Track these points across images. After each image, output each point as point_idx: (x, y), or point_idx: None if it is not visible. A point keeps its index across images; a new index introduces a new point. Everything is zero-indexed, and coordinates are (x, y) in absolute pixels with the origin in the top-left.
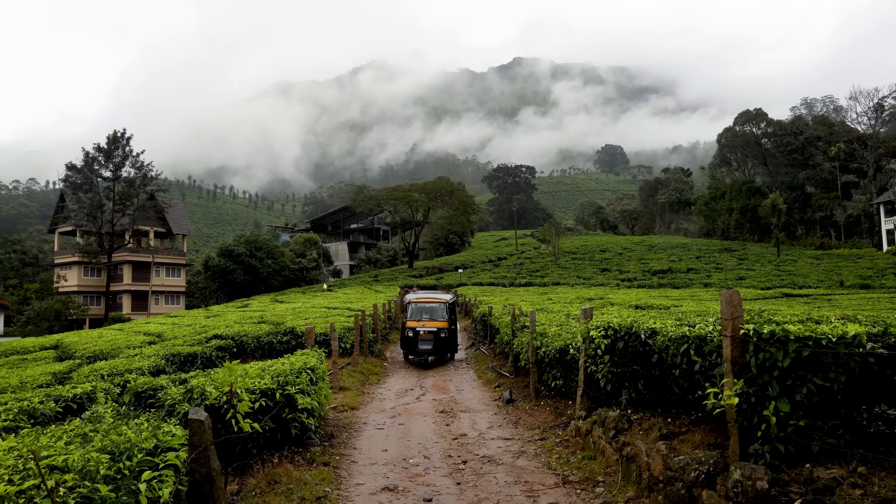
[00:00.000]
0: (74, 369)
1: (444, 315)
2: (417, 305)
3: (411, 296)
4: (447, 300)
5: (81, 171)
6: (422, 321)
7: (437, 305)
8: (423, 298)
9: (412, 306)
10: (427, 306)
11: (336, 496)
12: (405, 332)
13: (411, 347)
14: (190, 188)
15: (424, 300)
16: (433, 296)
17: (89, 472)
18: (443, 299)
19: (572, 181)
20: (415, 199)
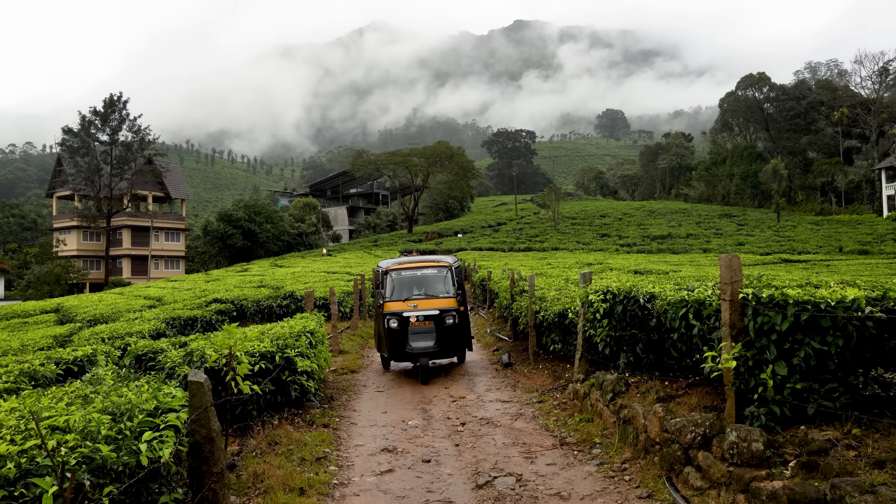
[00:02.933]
0: (75, 332)
1: (447, 287)
2: (403, 275)
3: (389, 261)
4: (449, 263)
5: (78, 134)
6: (412, 300)
7: (435, 272)
8: (412, 263)
9: (394, 278)
10: (419, 275)
11: (336, 457)
12: (384, 321)
13: (396, 347)
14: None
15: (414, 265)
16: (428, 259)
17: (90, 432)
18: (443, 262)
19: (573, 146)
20: (414, 164)
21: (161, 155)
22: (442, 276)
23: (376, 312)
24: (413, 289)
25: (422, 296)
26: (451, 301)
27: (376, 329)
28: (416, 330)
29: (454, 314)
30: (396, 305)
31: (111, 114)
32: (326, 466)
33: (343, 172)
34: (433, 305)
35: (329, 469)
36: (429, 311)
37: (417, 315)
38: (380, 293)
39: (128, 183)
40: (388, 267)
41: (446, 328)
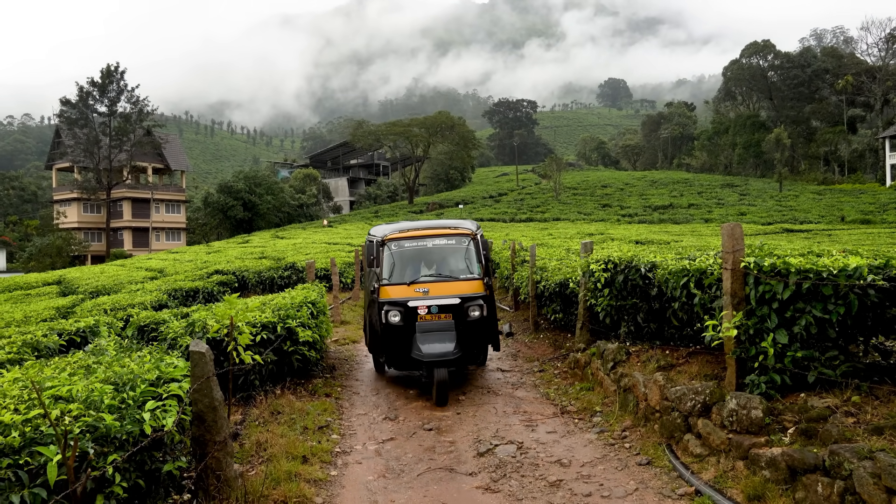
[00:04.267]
0: (77, 304)
1: (470, 265)
2: (407, 247)
3: (387, 227)
4: (471, 230)
5: (76, 106)
6: (421, 283)
7: (453, 244)
8: (420, 230)
9: (393, 251)
10: (430, 247)
11: (338, 426)
12: (379, 313)
13: (397, 350)
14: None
15: (422, 232)
16: (442, 225)
17: (93, 401)
18: (463, 229)
19: (574, 116)
20: (415, 134)
21: (160, 126)
22: (462, 248)
23: (368, 299)
24: (422, 267)
25: (435, 277)
26: (476, 284)
27: (367, 321)
28: (429, 327)
29: (481, 303)
30: (398, 291)
31: (109, 85)
32: (329, 435)
33: (343, 143)
34: (452, 291)
35: (331, 437)
36: (446, 300)
37: (430, 305)
38: (373, 273)
39: (127, 154)
40: (386, 235)
41: (471, 324)
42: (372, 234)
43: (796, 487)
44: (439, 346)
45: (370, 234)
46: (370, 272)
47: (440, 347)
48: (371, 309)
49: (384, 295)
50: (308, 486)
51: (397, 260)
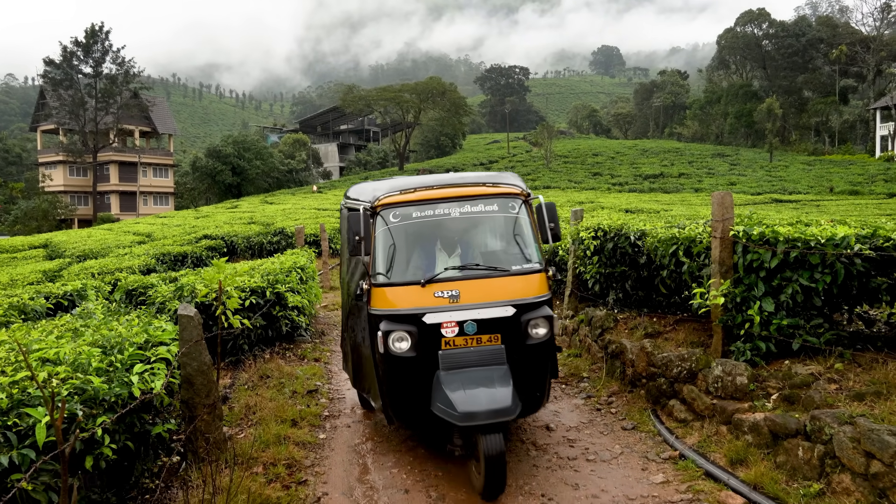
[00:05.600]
0: (64, 268)
1: (525, 248)
2: (416, 220)
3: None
4: (520, 189)
5: (60, 66)
6: (443, 281)
7: (493, 210)
8: (436, 191)
9: (393, 224)
10: (454, 217)
11: (327, 390)
12: (374, 337)
13: (407, 397)
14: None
15: (442, 193)
16: (469, 181)
17: (81, 364)
18: (506, 187)
19: (566, 83)
20: (405, 100)
21: (147, 88)
22: (509, 218)
23: (348, 305)
24: (442, 253)
25: (468, 271)
26: (537, 281)
27: (347, 340)
28: (463, 359)
29: (548, 313)
30: (406, 296)
31: (93, 45)
32: (318, 399)
33: (334, 108)
34: (499, 294)
35: (320, 402)
36: (492, 310)
37: (464, 321)
38: (356, 264)
39: (113, 117)
40: (379, 200)
41: (533, 350)
42: (353, 199)
43: (778, 451)
44: (485, 395)
45: (350, 199)
46: (351, 262)
47: (487, 397)
48: (354, 323)
49: (381, 303)
50: (297, 449)
51: (401, 242)
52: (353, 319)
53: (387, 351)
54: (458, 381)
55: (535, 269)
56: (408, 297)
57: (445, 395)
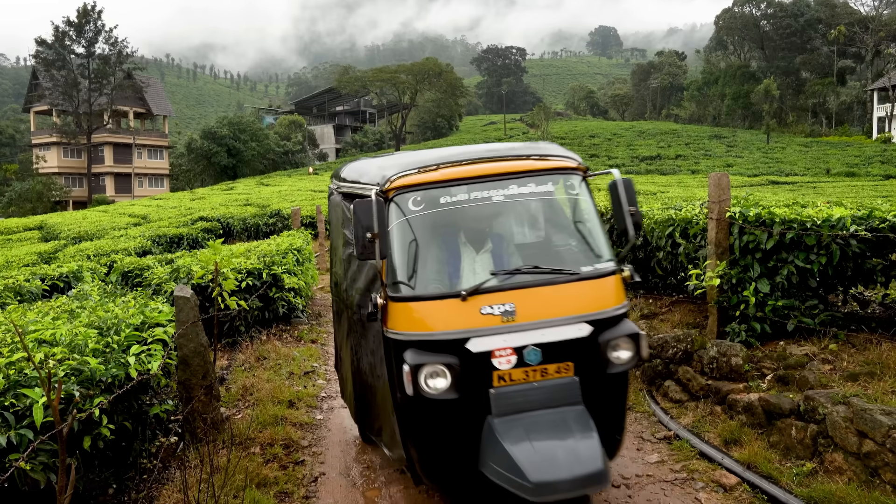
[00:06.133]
0: (60, 249)
1: (591, 240)
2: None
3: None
4: (577, 163)
5: (52, 46)
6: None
7: (544, 192)
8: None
9: (416, 214)
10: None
11: (324, 371)
12: (398, 371)
13: (441, 452)
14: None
15: (474, 170)
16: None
17: (77, 345)
18: (556, 160)
19: (564, 64)
20: (401, 81)
21: (141, 69)
22: (570, 201)
23: (348, 320)
24: (481, 249)
25: (520, 278)
26: (612, 287)
27: (347, 366)
28: (524, 398)
29: (634, 330)
30: (441, 313)
31: (86, 24)
32: (315, 380)
33: (329, 89)
34: (567, 307)
35: (317, 383)
36: (561, 329)
37: (524, 346)
38: (360, 267)
39: (107, 98)
40: (392, 181)
41: (612, 382)
42: (351, 182)
43: (771, 431)
44: (564, 453)
45: (345, 182)
46: (351, 263)
47: (568, 456)
48: (356, 343)
49: (405, 324)
50: (294, 430)
51: (427, 237)
52: (354, 339)
53: (417, 392)
54: (521, 432)
55: (609, 269)
56: (444, 316)
57: (505, 452)
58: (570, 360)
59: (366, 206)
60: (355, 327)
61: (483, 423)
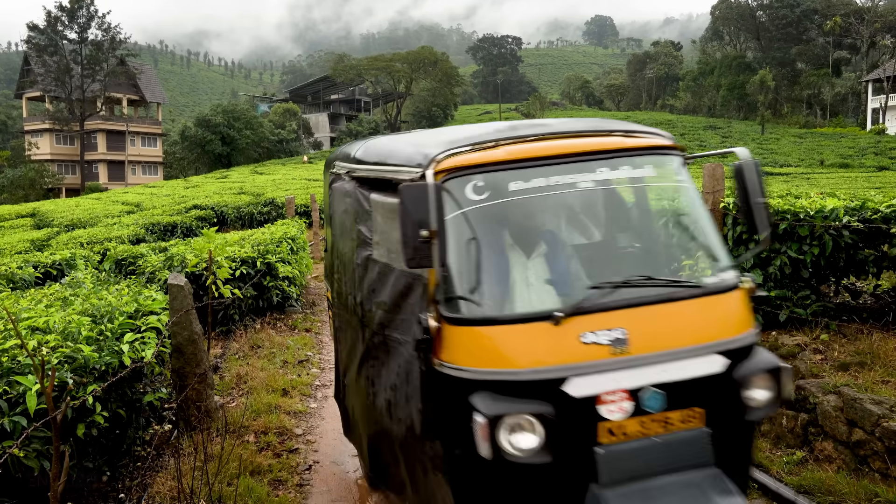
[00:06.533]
0: (52, 237)
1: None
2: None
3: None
4: (669, 141)
5: (44, 31)
6: (598, 311)
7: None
8: (541, 145)
9: (478, 207)
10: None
11: (318, 360)
12: (460, 425)
13: None
14: (162, 54)
15: (548, 148)
16: (591, 129)
17: (71, 333)
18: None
19: (559, 54)
20: (397, 70)
21: (134, 55)
22: (674, 190)
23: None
24: (569, 254)
25: (631, 293)
26: (739, 304)
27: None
28: (643, 459)
29: (770, 361)
30: (526, 343)
31: (78, 10)
32: (309, 369)
33: (324, 77)
34: (693, 332)
35: (311, 371)
36: (689, 365)
37: (641, 388)
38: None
39: (100, 85)
40: (447, 160)
41: (748, 430)
42: (373, 163)
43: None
44: None
45: (362, 163)
46: (367, 268)
47: None
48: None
49: (473, 356)
50: (288, 418)
51: (496, 237)
52: (372, 368)
53: (496, 453)
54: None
55: (733, 281)
56: (530, 346)
57: None
58: (699, 404)
59: (418, 193)
60: (374, 353)
61: (585, 496)
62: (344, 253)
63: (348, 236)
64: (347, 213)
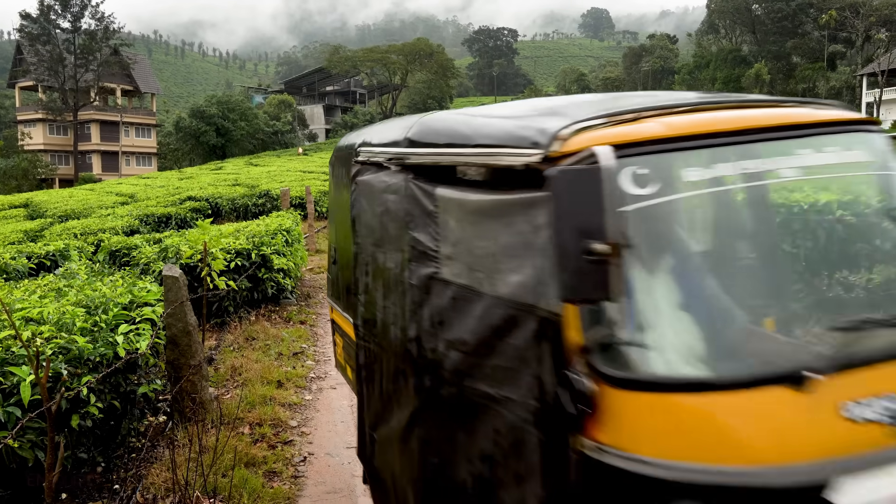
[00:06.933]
0: (46, 228)
1: None
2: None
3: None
4: (859, 114)
5: (37, 20)
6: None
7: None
8: (736, 118)
9: (664, 212)
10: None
11: (313, 352)
12: None
13: None
14: (156, 44)
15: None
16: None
17: (65, 324)
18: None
19: (555, 46)
20: (392, 62)
21: (127, 45)
22: (888, 179)
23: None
24: (790, 279)
25: (888, 339)
26: None
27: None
28: None
29: None
30: (756, 421)
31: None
32: (303, 361)
33: (319, 69)
34: None
35: (306, 364)
36: None
37: None
38: (461, 306)
39: (94, 74)
40: (590, 133)
41: None
42: (444, 144)
43: None
44: None
45: (421, 145)
46: (428, 290)
47: None
48: (445, 441)
49: (671, 443)
50: (283, 410)
51: (675, 250)
52: (434, 429)
53: None
54: None
55: None
56: (765, 427)
57: None
58: None
59: (585, 184)
60: (442, 409)
61: None
62: (384, 268)
63: (392, 246)
64: (389, 214)
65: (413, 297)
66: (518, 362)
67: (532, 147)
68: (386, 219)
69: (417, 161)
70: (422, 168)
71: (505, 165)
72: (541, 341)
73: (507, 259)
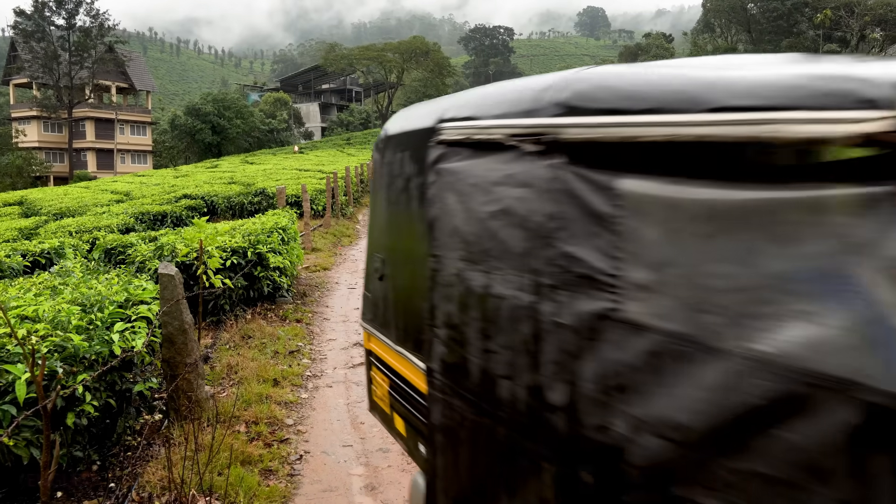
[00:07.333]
0: (41, 225)
1: None
2: None
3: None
4: None
5: (32, 17)
6: None
7: None
8: None
9: None
10: None
11: (309, 350)
12: None
13: None
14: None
15: None
16: None
17: (60, 322)
18: None
19: (551, 45)
20: (388, 60)
21: (123, 42)
22: None
23: None
24: None
25: None
26: None
27: None
28: None
29: None
30: None
31: None
32: (300, 360)
33: (315, 67)
34: None
35: (302, 362)
36: None
37: None
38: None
39: (89, 72)
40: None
41: None
42: (640, 112)
43: None
44: None
45: (568, 113)
46: (607, 344)
47: None
48: None
49: None
50: (279, 408)
51: None
52: None
53: None
54: None
55: None
56: None
57: None
58: None
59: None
60: None
61: None
62: (491, 294)
63: (511, 263)
64: (509, 216)
65: (562, 343)
66: (802, 475)
67: (865, 107)
68: (501, 223)
69: (584, 136)
70: (590, 147)
71: (802, 139)
72: (867, 445)
73: (789, 298)
